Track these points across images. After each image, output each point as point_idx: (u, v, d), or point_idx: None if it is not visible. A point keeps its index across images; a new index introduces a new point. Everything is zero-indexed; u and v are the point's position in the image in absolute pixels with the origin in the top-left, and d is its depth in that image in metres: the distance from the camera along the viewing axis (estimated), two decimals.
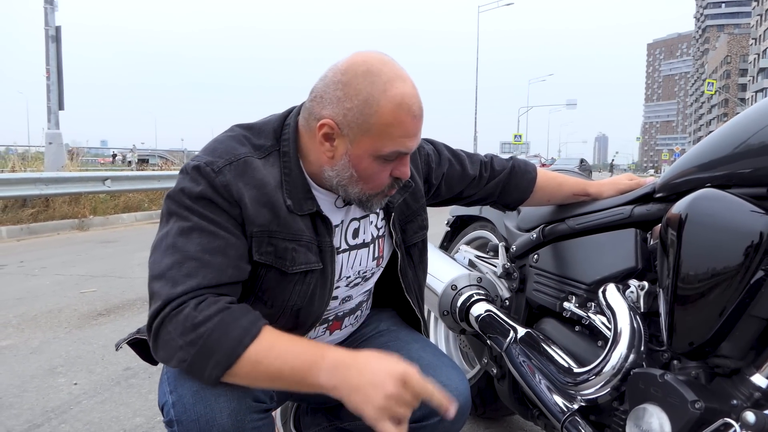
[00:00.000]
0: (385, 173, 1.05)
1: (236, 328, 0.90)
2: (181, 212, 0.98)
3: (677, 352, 1.02)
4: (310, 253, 1.06)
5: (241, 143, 1.06)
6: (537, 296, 1.47)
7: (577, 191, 1.47)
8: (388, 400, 0.86)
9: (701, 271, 0.97)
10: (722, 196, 0.98)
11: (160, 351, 0.92)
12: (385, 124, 0.98)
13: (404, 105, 0.98)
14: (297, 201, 1.05)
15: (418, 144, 1.06)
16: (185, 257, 0.94)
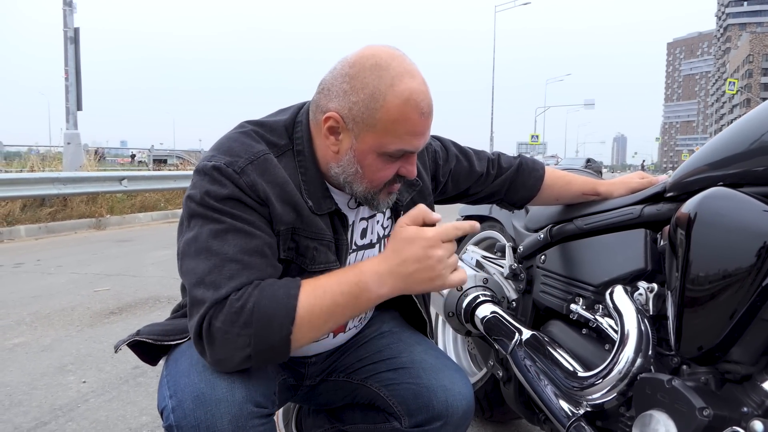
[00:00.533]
0: (391, 171, 1.02)
1: (279, 289, 0.90)
2: (211, 214, 0.94)
3: (685, 357, 0.99)
4: (330, 252, 1.06)
5: (256, 140, 1.03)
6: (544, 298, 1.44)
7: (587, 190, 1.43)
8: (440, 262, 0.91)
9: (710, 273, 0.93)
10: (733, 195, 0.95)
11: (218, 352, 0.89)
12: (391, 120, 0.96)
13: (411, 101, 0.95)
14: (317, 201, 1.04)
15: (427, 142, 1.03)
16: (224, 260, 0.91)
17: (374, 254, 1.18)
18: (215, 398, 0.90)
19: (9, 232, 6.94)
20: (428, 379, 1.17)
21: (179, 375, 0.94)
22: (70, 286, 4.18)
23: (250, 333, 0.87)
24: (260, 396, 0.94)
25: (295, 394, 1.27)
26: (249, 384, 0.93)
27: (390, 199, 1.08)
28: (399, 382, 1.18)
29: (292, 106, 1.12)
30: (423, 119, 0.98)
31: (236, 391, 0.91)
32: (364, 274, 0.92)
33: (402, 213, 1.18)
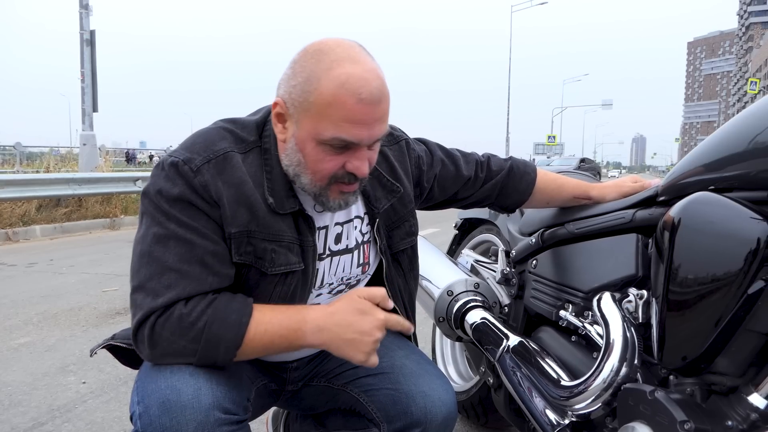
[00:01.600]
0: (334, 164, 0.96)
1: (232, 313, 0.93)
2: (158, 216, 0.95)
3: (669, 367, 0.95)
4: (291, 254, 1.03)
5: (221, 137, 1.02)
6: (534, 303, 1.41)
7: (579, 194, 1.40)
8: (376, 343, 0.98)
9: (694, 279, 0.90)
10: (718, 201, 0.91)
11: (160, 357, 0.93)
12: (324, 103, 0.91)
13: (348, 86, 0.90)
14: (279, 199, 1.01)
15: (375, 138, 0.96)
16: (164, 268, 0.93)
17: (350, 261, 1.15)
18: (180, 404, 0.89)
19: (25, 232, 7.03)
20: (407, 385, 1.14)
21: (147, 381, 0.93)
22: (79, 286, 4.22)
23: (197, 348, 0.92)
24: (229, 402, 0.93)
25: (277, 399, 1.26)
26: (217, 390, 0.92)
27: (343, 199, 1.02)
28: (378, 387, 1.16)
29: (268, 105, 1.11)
30: (362, 107, 0.91)
31: (202, 398, 0.90)
32: (306, 323, 0.97)
33: (378, 219, 1.16)
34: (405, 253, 1.23)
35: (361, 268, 1.18)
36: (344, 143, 0.94)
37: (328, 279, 1.13)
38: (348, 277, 1.16)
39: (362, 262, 1.18)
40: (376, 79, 0.93)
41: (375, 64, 0.96)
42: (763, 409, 0.84)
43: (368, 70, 0.93)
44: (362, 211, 1.16)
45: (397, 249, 1.20)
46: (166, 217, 0.95)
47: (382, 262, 1.19)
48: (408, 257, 1.24)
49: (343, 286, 1.17)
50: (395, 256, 1.21)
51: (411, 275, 1.26)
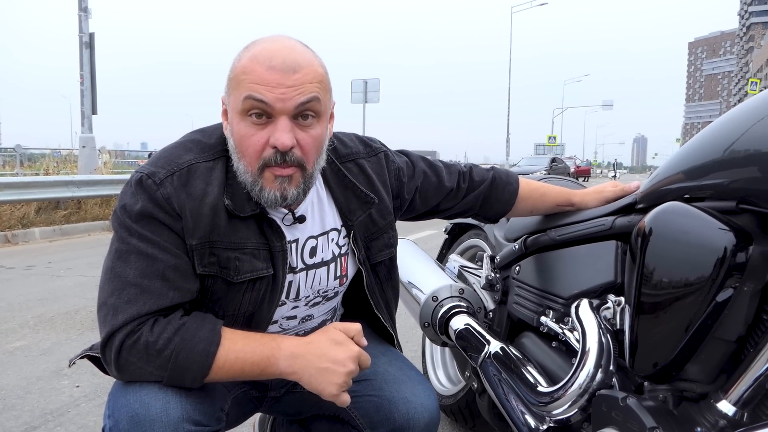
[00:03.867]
0: (257, 138, 0.96)
1: (200, 342, 0.93)
2: (121, 232, 0.97)
3: (640, 374, 0.97)
4: (257, 260, 1.03)
5: (187, 149, 1.04)
6: (517, 309, 1.42)
7: (561, 201, 1.41)
8: (348, 376, 0.98)
9: (663, 287, 0.91)
10: (688, 211, 0.93)
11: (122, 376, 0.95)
12: (239, 73, 0.96)
13: (260, 56, 0.95)
14: (239, 202, 1.01)
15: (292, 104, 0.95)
16: (124, 283, 0.94)
17: (326, 274, 1.15)
18: (149, 418, 0.89)
19: (24, 235, 7.05)
20: (390, 392, 1.16)
21: (118, 394, 0.94)
22: (76, 289, 4.24)
23: (162, 375, 0.93)
24: (199, 414, 0.94)
25: (260, 405, 1.27)
26: (186, 403, 0.93)
27: (279, 189, 0.98)
28: (361, 394, 1.17)
29: None
30: (272, 72, 0.93)
31: (171, 411, 0.90)
32: (280, 350, 0.97)
33: (354, 230, 1.15)
34: (383, 264, 1.23)
35: (338, 281, 1.18)
36: (257, 104, 0.94)
37: (305, 292, 1.13)
38: (325, 290, 1.17)
39: (339, 275, 1.18)
40: (291, 53, 0.96)
41: (303, 47, 1.00)
42: (731, 415, 0.86)
43: (286, 47, 0.97)
44: (338, 224, 1.16)
45: (375, 260, 1.21)
46: (128, 233, 0.96)
47: (362, 273, 1.20)
48: (386, 268, 1.25)
49: (320, 299, 1.18)
50: (373, 267, 1.22)
51: (389, 285, 1.27)
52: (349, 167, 1.18)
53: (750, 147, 0.90)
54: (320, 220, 1.14)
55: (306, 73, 0.96)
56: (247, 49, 0.98)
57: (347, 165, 1.18)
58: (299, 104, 0.95)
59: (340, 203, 1.15)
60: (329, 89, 1.02)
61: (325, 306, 1.20)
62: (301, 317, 1.17)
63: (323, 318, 1.23)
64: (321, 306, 1.19)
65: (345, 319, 1.35)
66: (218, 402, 1.03)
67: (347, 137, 1.23)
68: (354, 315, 1.35)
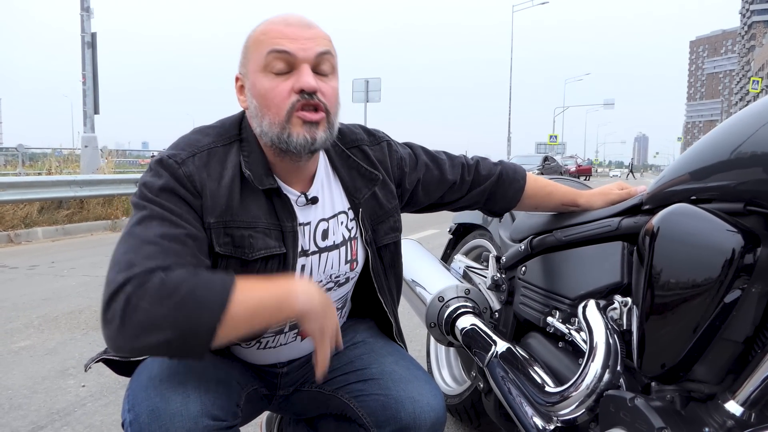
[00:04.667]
0: (283, 87, 1.00)
1: (217, 279, 0.89)
2: (142, 204, 0.96)
3: (648, 374, 0.97)
4: (269, 239, 1.05)
5: (205, 134, 1.07)
6: (523, 310, 1.43)
7: (566, 201, 1.42)
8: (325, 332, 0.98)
9: (671, 288, 0.92)
10: (695, 213, 0.93)
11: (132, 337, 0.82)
12: (257, 36, 1.02)
13: (275, 20, 1.02)
14: (258, 175, 1.04)
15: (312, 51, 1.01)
16: (142, 242, 0.89)
17: (338, 257, 1.17)
18: (169, 412, 0.91)
19: (27, 234, 7.07)
20: (396, 391, 1.16)
21: (138, 389, 0.95)
22: (80, 288, 4.25)
23: (177, 316, 0.82)
24: (217, 409, 0.95)
25: (269, 403, 1.28)
26: (205, 397, 0.94)
27: (308, 132, 1.01)
28: (368, 393, 1.18)
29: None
30: (289, 27, 1.01)
31: (191, 405, 0.92)
32: (296, 285, 0.95)
33: (361, 209, 1.18)
34: (388, 249, 1.25)
35: (349, 265, 1.20)
36: (282, 57, 1.00)
37: (317, 276, 1.15)
38: (336, 274, 1.18)
39: (350, 259, 1.19)
40: (302, 17, 1.04)
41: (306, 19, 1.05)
42: (739, 416, 0.86)
43: (297, 14, 1.05)
44: (346, 205, 1.18)
45: (381, 243, 1.23)
46: (150, 202, 0.96)
47: (368, 255, 1.21)
48: (391, 253, 1.26)
49: (332, 284, 1.19)
50: (379, 251, 1.23)
51: (392, 272, 1.28)
52: (353, 152, 1.21)
53: (757, 149, 0.91)
54: (330, 202, 1.16)
55: (318, 30, 1.04)
56: (262, 24, 1.05)
57: (352, 150, 1.21)
58: (319, 53, 1.01)
59: (345, 183, 1.18)
60: (336, 53, 1.09)
61: (337, 293, 1.22)
62: None
63: (336, 305, 1.24)
64: (333, 293, 1.20)
65: (354, 315, 1.36)
66: (234, 397, 1.04)
67: (352, 126, 1.27)
68: (359, 310, 1.36)
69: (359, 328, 1.34)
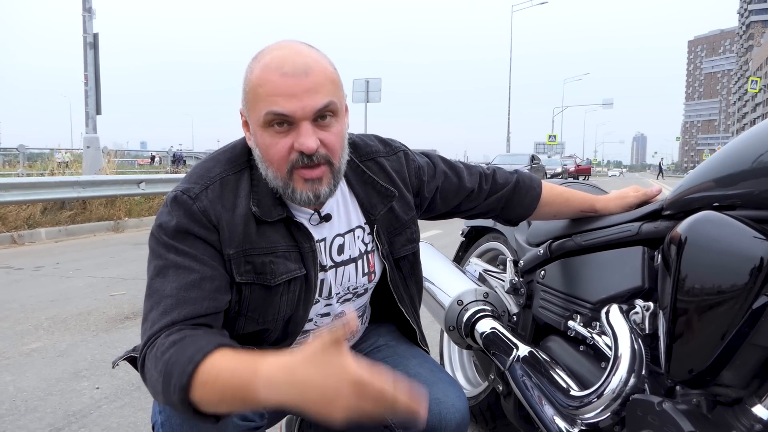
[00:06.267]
0: (282, 146, 0.99)
1: (190, 349, 0.85)
2: (159, 250, 0.99)
3: (676, 380, 0.99)
4: (289, 262, 1.06)
5: (216, 163, 1.07)
6: (543, 314, 1.45)
7: (584, 207, 1.43)
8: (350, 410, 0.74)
9: (700, 295, 0.94)
10: (723, 220, 0.95)
11: (150, 390, 0.92)
12: (254, 87, 0.98)
13: (271, 65, 0.97)
14: (266, 208, 1.05)
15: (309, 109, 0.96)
16: (161, 296, 0.95)
17: (354, 270, 1.18)
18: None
19: (30, 235, 7.07)
20: (422, 391, 1.18)
21: None
22: (87, 290, 4.26)
23: (161, 382, 0.86)
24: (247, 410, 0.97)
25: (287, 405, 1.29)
26: None
27: (311, 189, 1.01)
28: None
29: None
30: (285, 79, 0.95)
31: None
32: (257, 376, 0.78)
33: (377, 225, 1.18)
34: (407, 259, 1.26)
35: (366, 277, 1.21)
36: (280, 118, 0.97)
37: (336, 289, 1.16)
38: (354, 286, 1.20)
39: (367, 271, 1.21)
40: (300, 56, 0.98)
41: (309, 49, 1.01)
42: (766, 420, 0.88)
43: (294, 52, 0.99)
44: (362, 221, 1.19)
45: (398, 255, 1.24)
46: (165, 249, 0.99)
47: (386, 268, 1.23)
48: (409, 263, 1.27)
49: (351, 295, 1.20)
50: (397, 262, 1.24)
51: (412, 280, 1.29)
52: (368, 165, 1.21)
53: None
54: (345, 218, 1.17)
55: (317, 75, 0.98)
56: (257, 59, 1.00)
57: (367, 163, 1.21)
58: (317, 110, 0.98)
59: (361, 199, 1.18)
60: (341, 85, 1.06)
61: (355, 303, 1.23)
62: (335, 314, 1.20)
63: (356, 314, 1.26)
64: (352, 303, 1.22)
65: (374, 317, 1.37)
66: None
67: (367, 137, 1.27)
68: (381, 314, 1.37)
69: (381, 332, 1.35)
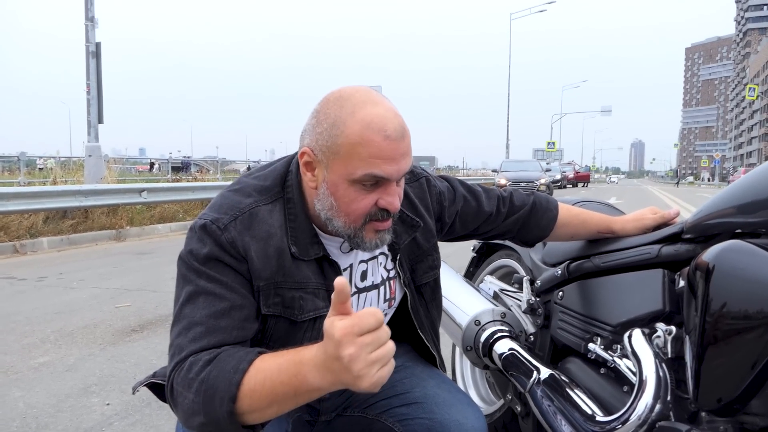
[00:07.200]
0: (366, 202, 1.00)
1: (231, 361, 0.90)
2: (189, 275, 1.00)
3: (704, 408, 0.99)
4: (318, 299, 1.07)
5: (246, 195, 1.07)
6: (561, 335, 1.45)
7: (602, 229, 1.44)
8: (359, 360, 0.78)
9: (728, 324, 0.94)
10: (752, 250, 0.95)
11: (179, 415, 0.92)
12: (352, 144, 0.96)
13: (373, 125, 0.96)
14: (303, 246, 1.05)
15: (402, 172, 1.00)
16: (191, 323, 0.95)
17: (376, 296, 1.19)
18: None
19: (32, 244, 7.06)
20: (441, 414, 1.18)
21: None
22: (92, 301, 4.25)
23: (198, 401, 0.88)
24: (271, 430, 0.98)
25: (311, 429, 1.29)
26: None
27: (379, 238, 1.04)
28: (412, 417, 1.19)
29: (288, 155, 1.16)
30: (389, 143, 0.96)
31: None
32: (303, 365, 0.84)
33: (400, 255, 1.19)
34: (428, 286, 1.27)
35: (387, 303, 1.22)
36: (376, 179, 0.98)
37: None
38: None
39: (388, 297, 1.22)
40: (397, 117, 0.99)
41: (392, 105, 1.02)
42: None
43: (388, 109, 0.99)
44: (386, 248, 1.20)
45: (420, 282, 1.25)
46: (196, 275, 0.99)
47: (407, 295, 1.23)
48: (431, 289, 1.28)
49: None
50: (418, 289, 1.25)
51: (433, 305, 1.30)
52: None
53: None
54: None
55: (408, 135, 1.00)
56: (347, 109, 0.97)
57: None
58: (407, 170, 1.02)
59: None
60: None
61: None
62: None
63: None
64: None
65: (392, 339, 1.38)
66: (284, 424, 1.08)
67: None
68: (398, 337, 1.37)
69: (398, 352, 1.34)
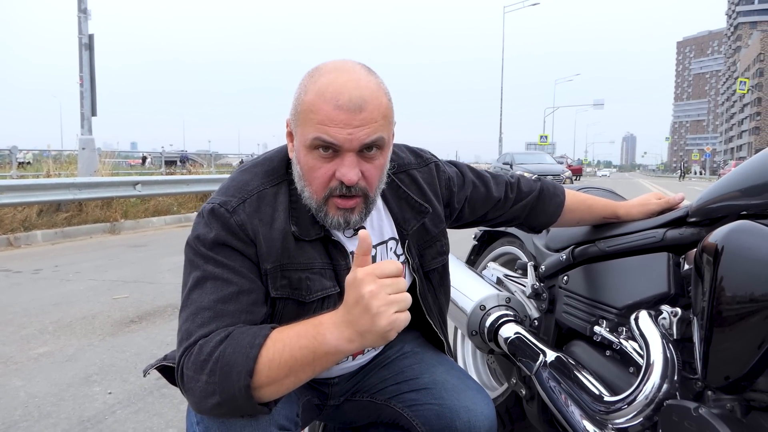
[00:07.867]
0: (324, 170, 0.99)
1: (246, 337, 0.90)
2: (197, 260, 1.00)
3: (712, 386, 1.01)
4: (325, 279, 1.07)
5: (253, 175, 1.07)
6: (567, 318, 1.46)
7: (607, 214, 1.46)
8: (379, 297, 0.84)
9: (737, 305, 0.95)
10: (759, 230, 0.97)
11: (191, 397, 0.91)
12: (307, 110, 0.97)
13: (326, 93, 0.95)
14: (304, 227, 1.05)
15: (359, 141, 0.97)
16: (199, 308, 0.95)
17: None
18: (240, 423, 0.94)
19: (26, 237, 7.02)
20: (450, 400, 1.19)
21: None
22: (89, 293, 4.24)
23: (215, 381, 0.88)
24: (283, 418, 0.99)
25: (320, 413, 1.30)
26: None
27: (342, 216, 1.02)
28: (422, 402, 1.20)
29: None
30: (339, 112, 0.95)
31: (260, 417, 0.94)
32: (322, 325, 0.88)
33: (408, 240, 1.19)
34: (436, 271, 1.27)
35: None
36: (325, 144, 0.97)
37: None
38: None
39: None
40: (357, 89, 0.96)
41: (367, 77, 1.00)
42: None
43: (353, 79, 0.97)
44: (395, 233, 1.20)
45: (428, 268, 1.25)
46: (204, 260, 0.99)
47: (415, 281, 1.24)
48: (439, 274, 1.29)
49: None
50: (426, 274, 1.26)
51: (441, 290, 1.31)
52: (401, 178, 1.22)
53: None
54: (379, 230, 1.18)
55: (371, 110, 0.97)
56: (313, 78, 0.99)
57: (400, 176, 1.22)
58: (365, 144, 0.98)
59: (395, 213, 1.19)
60: (392, 118, 1.05)
61: None
62: None
63: None
64: None
65: None
66: (295, 408, 1.08)
67: (399, 148, 1.27)
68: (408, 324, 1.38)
69: (407, 339, 1.36)
